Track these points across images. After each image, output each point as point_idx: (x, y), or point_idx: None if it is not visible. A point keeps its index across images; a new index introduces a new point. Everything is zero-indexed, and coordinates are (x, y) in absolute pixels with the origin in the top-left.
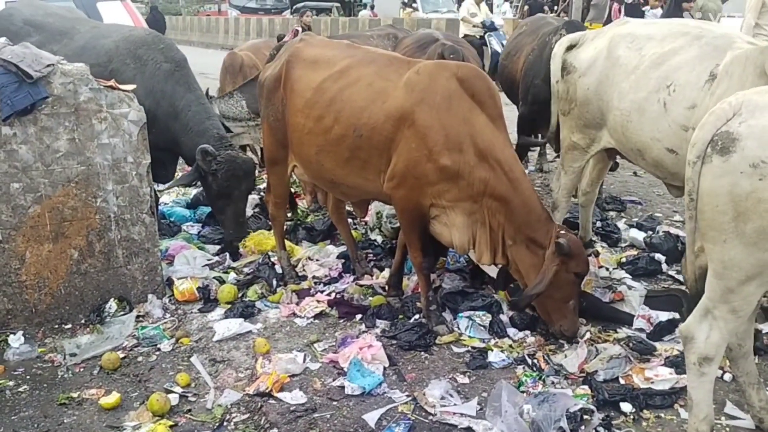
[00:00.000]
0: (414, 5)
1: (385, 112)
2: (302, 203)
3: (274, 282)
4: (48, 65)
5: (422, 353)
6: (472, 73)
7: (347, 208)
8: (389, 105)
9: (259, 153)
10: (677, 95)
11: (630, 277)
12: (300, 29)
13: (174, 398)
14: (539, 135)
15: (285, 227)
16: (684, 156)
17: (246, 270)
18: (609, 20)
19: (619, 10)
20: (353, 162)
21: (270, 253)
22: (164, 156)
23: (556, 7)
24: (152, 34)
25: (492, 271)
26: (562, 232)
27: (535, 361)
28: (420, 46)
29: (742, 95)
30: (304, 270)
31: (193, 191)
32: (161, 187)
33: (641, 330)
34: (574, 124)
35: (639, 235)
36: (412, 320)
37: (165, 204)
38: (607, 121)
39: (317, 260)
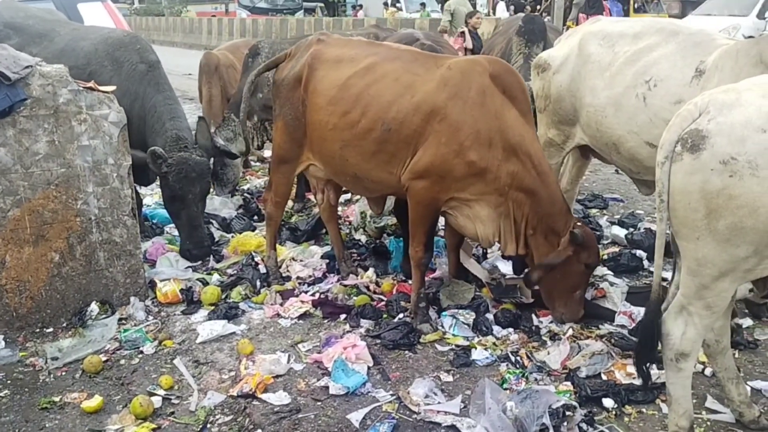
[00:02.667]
0: (398, 5)
1: (413, 105)
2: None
3: (258, 283)
4: (26, 67)
5: (406, 352)
6: (503, 68)
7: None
8: (418, 99)
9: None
10: (658, 90)
11: (612, 273)
12: (467, 31)
13: (157, 401)
14: None
15: None
16: None
17: (229, 271)
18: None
19: (586, 17)
20: (379, 156)
21: (254, 253)
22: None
23: (539, 7)
24: (130, 35)
25: (476, 270)
26: (579, 224)
27: (518, 358)
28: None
29: (708, 95)
30: (288, 270)
31: None
32: (143, 189)
33: (623, 326)
34: (549, 121)
35: (621, 232)
36: (396, 319)
37: (148, 206)
38: (580, 117)
39: (301, 261)
